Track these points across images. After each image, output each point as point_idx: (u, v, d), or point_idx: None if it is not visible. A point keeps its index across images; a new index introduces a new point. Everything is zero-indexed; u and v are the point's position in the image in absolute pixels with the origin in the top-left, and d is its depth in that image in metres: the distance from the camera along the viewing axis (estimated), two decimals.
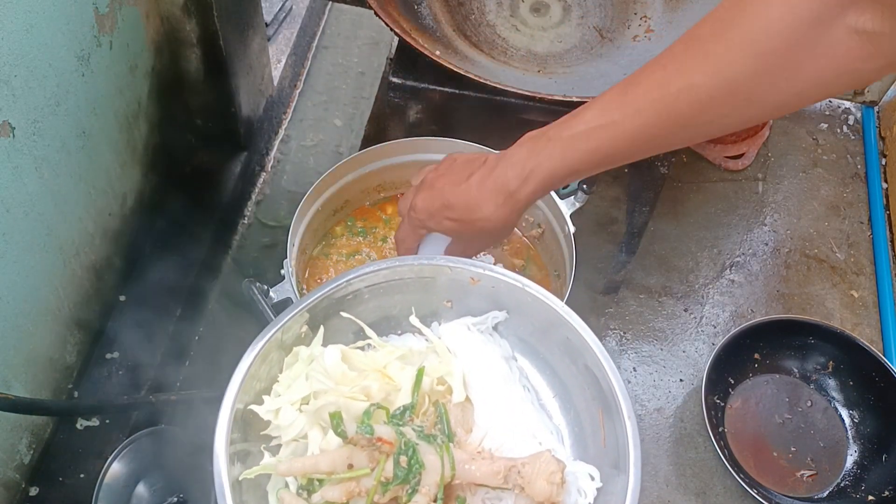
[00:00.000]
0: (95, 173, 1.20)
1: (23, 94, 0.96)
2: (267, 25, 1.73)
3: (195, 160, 1.55)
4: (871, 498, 1.38)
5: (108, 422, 1.22)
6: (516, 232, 1.29)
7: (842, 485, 1.43)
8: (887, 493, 1.37)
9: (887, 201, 1.84)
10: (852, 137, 1.96)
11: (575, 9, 1.38)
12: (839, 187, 1.87)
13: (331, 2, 1.93)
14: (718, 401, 1.49)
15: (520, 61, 1.31)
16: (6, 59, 0.92)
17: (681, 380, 1.55)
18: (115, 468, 1.14)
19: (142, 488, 1.15)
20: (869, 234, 1.79)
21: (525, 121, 1.20)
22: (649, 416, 1.50)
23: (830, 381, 1.52)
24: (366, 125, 1.72)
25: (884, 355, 1.52)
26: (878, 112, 1.99)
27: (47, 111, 1.03)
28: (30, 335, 1.10)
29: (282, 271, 1.08)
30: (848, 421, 1.49)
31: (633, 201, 1.52)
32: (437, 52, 1.16)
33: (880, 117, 1.98)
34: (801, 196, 1.84)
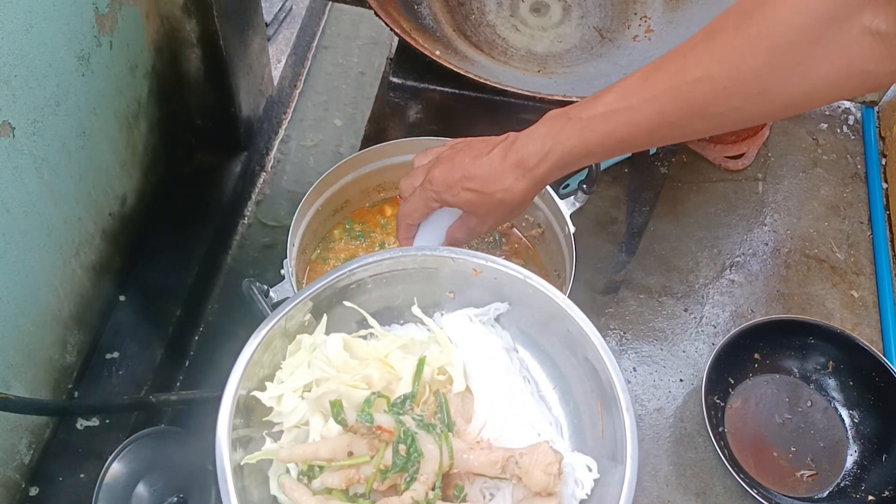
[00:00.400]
0: (95, 173, 1.20)
1: (23, 94, 0.96)
2: (267, 25, 1.73)
3: (195, 160, 1.55)
4: (871, 498, 1.38)
5: (108, 422, 1.22)
6: (516, 232, 1.29)
7: (842, 485, 1.43)
8: (887, 493, 1.37)
9: (887, 201, 1.84)
10: (852, 137, 1.96)
11: (575, 9, 1.38)
12: (839, 187, 1.87)
13: (331, 2, 1.93)
14: (718, 401, 1.49)
15: (520, 61, 1.31)
16: (6, 59, 0.92)
17: (681, 380, 1.55)
18: (115, 468, 1.14)
19: (142, 488, 1.15)
20: (869, 234, 1.80)
21: (525, 121, 1.20)
22: (649, 416, 1.50)
23: (830, 381, 1.52)
24: (366, 125, 1.72)
25: (884, 355, 1.52)
26: (878, 112, 1.99)
27: (47, 111, 1.03)
28: (30, 335, 1.10)
29: (282, 271, 1.08)
30: (848, 421, 1.49)
31: (633, 201, 1.52)
32: (437, 52, 1.16)
33: (880, 117, 1.98)
34: (801, 196, 1.84)
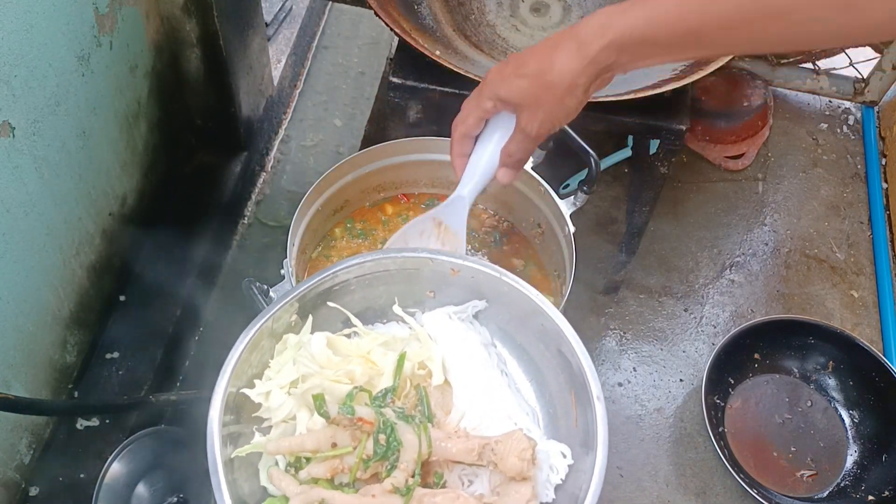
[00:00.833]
0: (95, 173, 1.20)
1: (23, 94, 0.96)
2: (267, 25, 1.73)
3: (195, 160, 1.55)
4: (871, 498, 1.38)
5: (108, 422, 1.22)
6: (516, 232, 1.29)
7: (842, 485, 1.43)
8: (887, 493, 1.37)
9: (887, 201, 1.84)
10: (852, 137, 1.96)
11: (575, 9, 1.38)
12: (839, 187, 1.87)
13: (331, 2, 1.93)
14: (718, 401, 1.49)
15: None
16: (6, 59, 0.92)
17: (681, 380, 1.55)
18: (115, 468, 1.14)
19: (142, 488, 1.15)
20: (869, 234, 1.79)
21: None
22: (649, 416, 1.50)
23: (830, 381, 1.52)
24: (366, 125, 1.72)
25: (884, 355, 1.53)
26: (878, 112, 1.99)
27: (47, 111, 1.03)
28: (30, 335, 1.10)
29: (282, 271, 1.08)
30: (848, 421, 1.49)
31: (633, 201, 1.52)
32: (437, 52, 1.16)
33: (880, 117, 1.98)
34: (801, 196, 1.84)
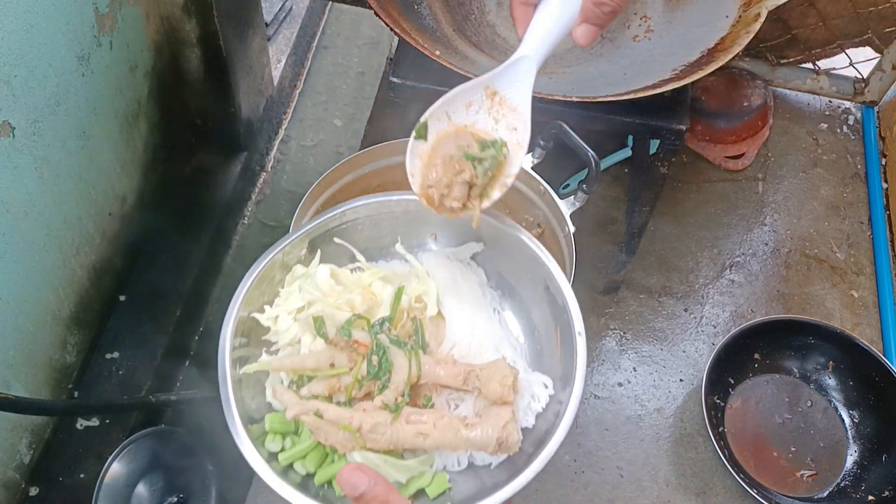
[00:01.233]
0: (95, 173, 1.20)
1: (23, 94, 0.96)
2: (267, 25, 1.73)
3: (195, 160, 1.55)
4: (871, 498, 1.38)
5: (108, 422, 1.22)
6: None
7: (842, 485, 1.43)
8: (887, 493, 1.37)
9: (887, 201, 1.84)
10: (852, 137, 1.96)
11: None
12: (839, 187, 1.87)
13: (331, 2, 1.93)
14: (718, 401, 1.49)
15: None
16: (6, 59, 0.92)
17: (681, 380, 1.55)
18: (115, 468, 1.14)
19: (142, 488, 1.15)
20: (869, 234, 1.80)
21: None
22: (649, 416, 1.50)
23: (830, 381, 1.52)
24: (366, 125, 1.72)
25: (884, 355, 1.53)
26: (878, 112, 1.99)
27: (47, 111, 1.03)
28: (30, 335, 1.10)
29: None
30: (848, 421, 1.49)
31: (633, 201, 1.52)
32: (437, 52, 1.16)
33: (880, 117, 1.98)
34: (801, 196, 1.84)
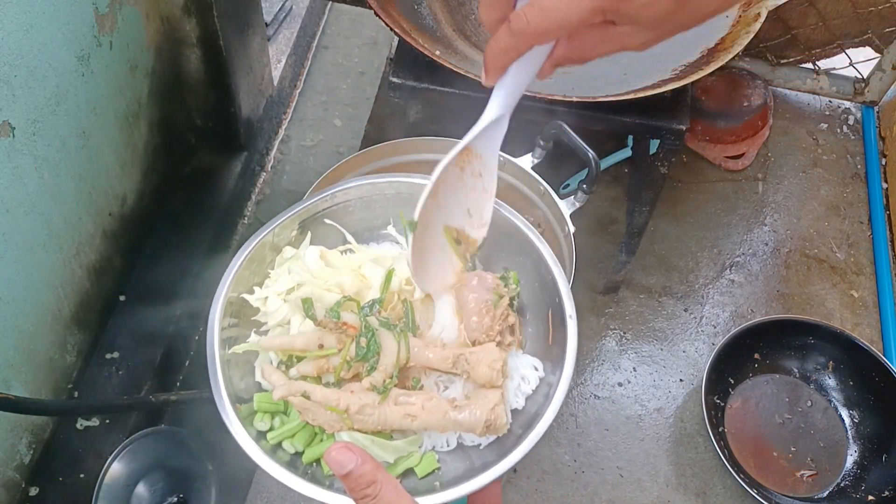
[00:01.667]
0: (95, 173, 1.20)
1: (23, 94, 0.96)
2: (267, 25, 1.73)
3: (195, 160, 1.55)
4: (871, 498, 1.38)
5: (108, 422, 1.22)
6: None
7: (842, 485, 1.43)
8: (887, 493, 1.37)
9: (887, 201, 1.84)
10: (852, 137, 1.96)
11: None
12: (839, 187, 1.87)
13: (331, 2, 1.93)
14: (718, 401, 1.49)
15: None
16: (6, 59, 0.92)
17: (681, 380, 1.55)
18: (115, 468, 1.14)
19: (142, 488, 1.15)
20: (869, 234, 1.79)
21: (525, 120, 1.20)
22: (649, 416, 1.50)
23: (830, 381, 1.52)
24: (366, 125, 1.72)
25: (884, 355, 1.53)
26: (878, 112, 1.99)
27: (47, 111, 1.03)
28: (30, 335, 1.10)
29: None
30: (848, 421, 1.49)
31: (633, 201, 1.52)
32: (437, 52, 1.16)
33: (880, 117, 1.98)
34: (801, 196, 1.84)
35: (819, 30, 1.84)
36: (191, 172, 1.53)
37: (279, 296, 0.84)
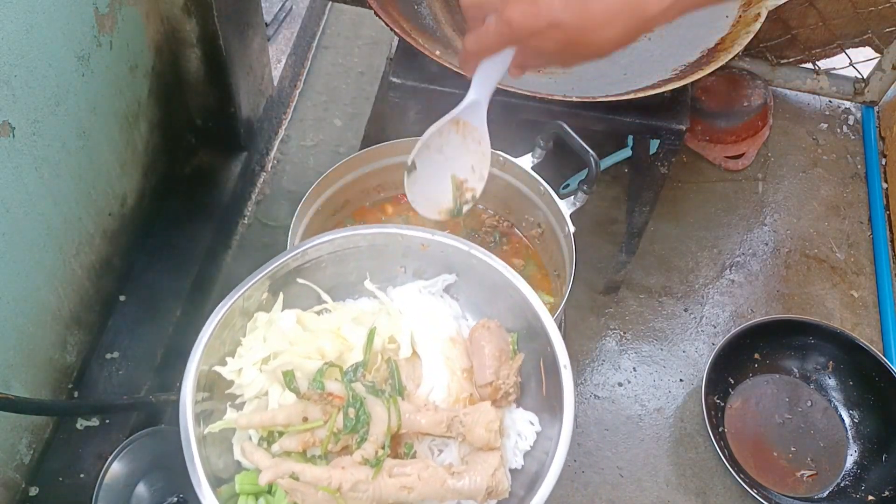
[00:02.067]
0: (95, 173, 1.20)
1: (23, 94, 0.96)
2: (267, 25, 1.73)
3: (195, 160, 1.55)
4: (871, 498, 1.38)
5: (108, 422, 1.22)
6: (516, 232, 1.29)
7: (842, 485, 1.43)
8: (887, 493, 1.37)
9: (887, 201, 1.84)
10: (852, 137, 1.96)
11: None
12: (839, 187, 1.87)
13: (331, 2, 1.93)
14: (718, 401, 1.49)
15: None
16: (6, 59, 0.92)
17: (681, 380, 1.55)
18: (115, 468, 1.14)
19: (142, 488, 1.15)
20: (869, 234, 1.79)
21: (525, 120, 1.20)
22: (649, 416, 1.50)
23: (830, 381, 1.52)
24: (366, 125, 1.72)
25: (884, 355, 1.53)
26: (878, 112, 1.99)
27: (47, 111, 1.03)
28: (30, 335, 1.10)
29: None
30: (848, 421, 1.49)
31: (633, 201, 1.52)
32: (437, 52, 1.16)
33: (880, 117, 1.98)
34: (801, 196, 1.84)
35: (819, 30, 1.84)
36: (191, 172, 1.53)
37: (254, 365, 0.79)
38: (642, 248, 1.65)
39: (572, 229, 1.14)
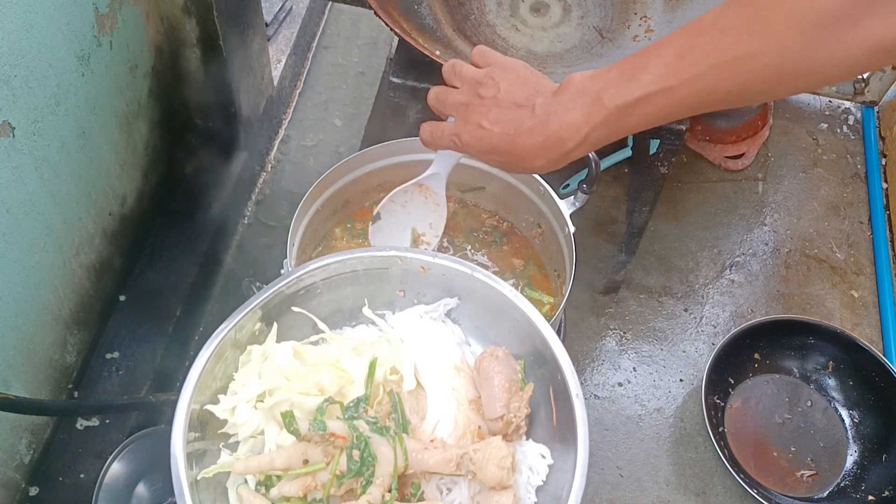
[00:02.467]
0: (95, 173, 1.20)
1: (23, 94, 0.96)
2: (267, 25, 1.73)
3: (195, 160, 1.55)
4: (871, 498, 1.38)
5: (108, 422, 1.22)
6: (516, 232, 1.29)
7: (842, 485, 1.43)
8: (887, 493, 1.37)
9: (887, 201, 1.84)
10: (852, 137, 1.96)
11: (575, 9, 1.37)
12: (839, 187, 1.87)
13: (331, 2, 1.93)
14: (718, 401, 1.49)
15: None
16: (6, 59, 0.92)
17: (681, 380, 1.55)
18: (115, 468, 1.14)
19: (142, 488, 1.15)
20: (869, 234, 1.79)
21: None
22: (649, 416, 1.50)
23: (830, 381, 1.52)
24: (366, 125, 1.72)
25: (884, 355, 1.52)
26: (878, 112, 1.99)
27: (47, 111, 1.03)
28: (30, 335, 1.10)
29: (282, 271, 1.08)
30: (848, 421, 1.49)
31: (633, 201, 1.52)
32: (437, 52, 1.16)
33: (880, 117, 1.98)
34: (801, 196, 1.84)
35: None
36: (191, 172, 1.53)
37: (249, 403, 0.74)
38: (642, 247, 1.65)
39: (572, 229, 1.14)
